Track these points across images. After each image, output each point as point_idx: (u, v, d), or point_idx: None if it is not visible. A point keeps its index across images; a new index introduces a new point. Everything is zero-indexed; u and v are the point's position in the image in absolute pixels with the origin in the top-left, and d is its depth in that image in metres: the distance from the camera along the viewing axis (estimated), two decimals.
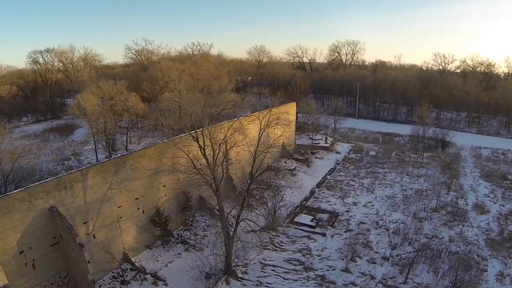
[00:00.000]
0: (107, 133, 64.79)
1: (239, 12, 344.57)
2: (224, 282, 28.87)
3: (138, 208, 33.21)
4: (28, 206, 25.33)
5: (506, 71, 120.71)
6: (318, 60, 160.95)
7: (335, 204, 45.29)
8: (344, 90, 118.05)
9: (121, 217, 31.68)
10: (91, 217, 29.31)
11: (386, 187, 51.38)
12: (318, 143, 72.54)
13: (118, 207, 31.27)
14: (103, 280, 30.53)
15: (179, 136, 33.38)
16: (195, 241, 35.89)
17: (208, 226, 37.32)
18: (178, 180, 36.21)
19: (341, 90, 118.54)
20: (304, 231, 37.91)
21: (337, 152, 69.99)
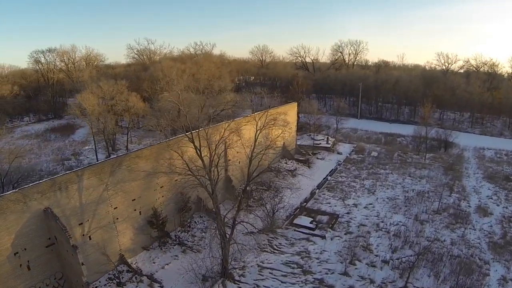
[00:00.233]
0: (107, 133, 64.66)
1: (242, 12, 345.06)
2: (221, 285, 28.44)
3: (135, 209, 32.85)
4: (22, 207, 25.09)
5: (510, 71, 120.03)
6: (321, 60, 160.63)
7: (335, 206, 44.73)
8: (346, 90, 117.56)
9: (117, 218, 31.34)
10: (86, 218, 29.00)
11: (387, 189, 50.76)
12: (320, 143, 71.97)
13: (114, 209, 30.93)
14: (99, 282, 30.22)
15: (175, 137, 33.02)
16: (192, 242, 35.50)
17: (206, 228, 36.90)
18: (176, 181, 35.76)
19: (343, 90, 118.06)
20: (303, 233, 37.36)
21: (338, 153, 69.41)
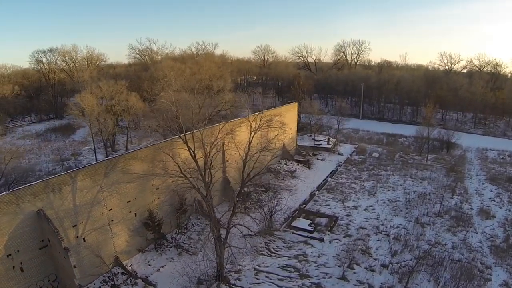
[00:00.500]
0: (106, 133, 64.38)
1: (244, 12, 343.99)
2: None
3: (130, 211, 32.41)
4: (15, 209, 24.83)
5: None
6: (324, 60, 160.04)
7: (334, 208, 44.09)
8: (348, 90, 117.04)
9: (112, 220, 30.92)
10: (80, 220, 28.62)
11: (388, 190, 50.07)
12: (320, 144, 71.34)
13: (109, 210, 30.52)
14: (94, 284, 29.88)
15: (169, 139, 32.59)
16: (189, 245, 35.02)
17: (203, 230, 36.42)
18: (172, 183, 35.29)
19: (345, 90, 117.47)
20: (301, 236, 36.74)
21: (339, 154, 68.74)
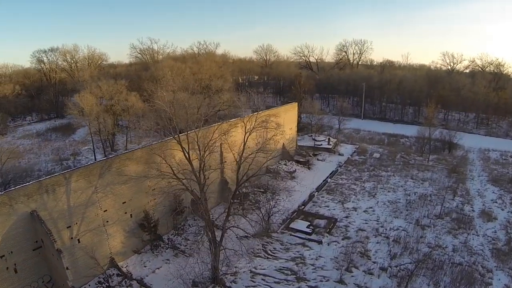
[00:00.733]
0: (106, 133, 64.18)
1: (247, 12, 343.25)
2: None
3: (126, 212, 32.08)
4: (8, 210, 24.59)
5: None
6: (326, 59, 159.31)
7: (334, 209, 43.57)
8: (350, 90, 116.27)
9: (107, 221, 30.60)
10: (75, 221, 28.32)
11: (388, 192, 49.49)
12: (321, 144, 70.82)
13: (104, 211, 30.20)
14: (89, 285, 29.62)
15: (165, 139, 32.18)
16: (185, 246, 34.64)
17: (200, 232, 36.00)
18: (169, 183, 34.92)
19: (347, 90, 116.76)
20: (299, 238, 36.23)
21: (340, 154, 68.17)
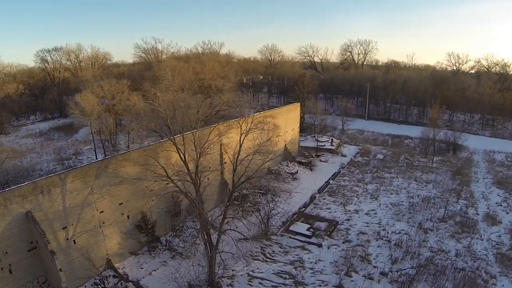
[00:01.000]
0: (107, 132, 64.06)
1: (252, 12, 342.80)
2: None
3: (122, 214, 31.70)
4: (3, 210, 24.37)
5: None
6: (331, 59, 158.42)
7: (335, 212, 42.91)
8: (354, 90, 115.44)
9: (103, 222, 30.26)
10: (71, 222, 28.01)
11: (391, 194, 48.72)
12: (324, 145, 70.12)
13: (100, 212, 29.85)
14: (85, 287, 29.33)
15: (160, 141, 31.80)
16: (183, 248, 34.17)
17: (196, 234, 35.57)
18: (167, 184, 34.53)
19: (351, 90, 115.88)
20: (299, 240, 35.59)
21: (343, 155, 67.47)
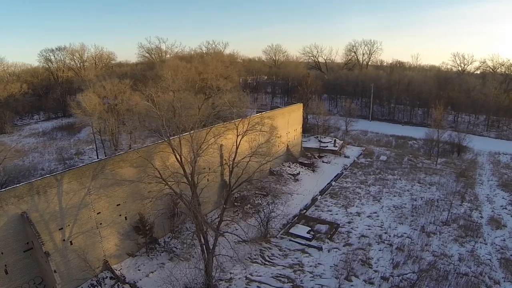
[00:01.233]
0: (109, 132, 63.89)
1: (258, 12, 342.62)
2: None
3: (120, 215, 31.43)
4: None
5: None
6: (336, 60, 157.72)
7: (336, 214, 42.34)
8: (358, 91, 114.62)
9: (100, 223, 30.01)
10: (67, 223, 27.80)
11: (394, 196, 48.05)
12: (327, 146, 69.49)
13: (98, 214, 29.60)
14: None
15: (157, 142, 31.43)
16: (181, 250, 33.82)
17: (193, 236, 35.13)
18: (163, 186, 34.15)
19: (355, 91, 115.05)
20: (299, 243, 35.09)
21: (345, 156, 66.82)
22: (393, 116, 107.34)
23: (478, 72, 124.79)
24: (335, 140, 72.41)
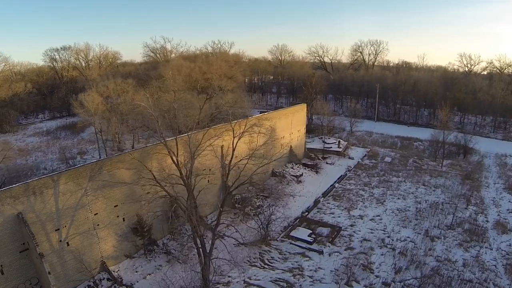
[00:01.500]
0: (112, 132, 63.81)
1: (263, 12, 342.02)
2: None
3: (118, 216, 31.08)
4: None
5: None
6: (342, 60, 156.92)
7: (339, 217, 41.62)
8: (363, 91, 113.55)
9: (98, 224, 29.66)
10: (64, 224, 27.50)
11: (398, 199, 47.19)
12: (331, 147, 68.72)
13: (95, 215, 29.26)
14: None
15: (154, 143, 31.02)
16: (180, 252, 33.40)
17: (189, 239, 34.69)
18: (159, 188, 33.76)
19: (360, 91, 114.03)
20: (299, 247, 34.41)
21: (350, 158, 65.96)
22: (398, 117, 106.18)
23: (485, 72, 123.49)
24: (339, 141, 71.59)
